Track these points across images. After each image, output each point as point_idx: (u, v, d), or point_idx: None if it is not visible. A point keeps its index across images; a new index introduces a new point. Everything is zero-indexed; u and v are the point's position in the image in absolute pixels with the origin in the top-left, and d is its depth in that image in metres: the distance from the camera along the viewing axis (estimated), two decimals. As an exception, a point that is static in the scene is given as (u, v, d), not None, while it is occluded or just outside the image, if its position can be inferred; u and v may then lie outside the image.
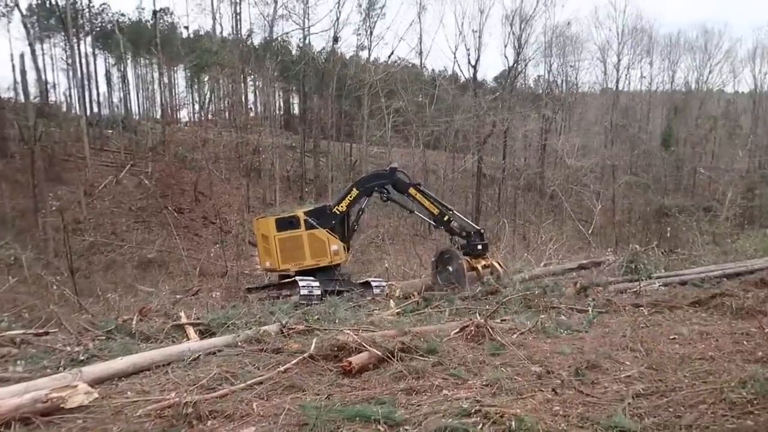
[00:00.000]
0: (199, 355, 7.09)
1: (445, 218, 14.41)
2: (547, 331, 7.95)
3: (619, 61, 52.80)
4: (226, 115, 43.00)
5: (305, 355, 6.49)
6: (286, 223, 13.95)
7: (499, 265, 14.36)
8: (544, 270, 15.90)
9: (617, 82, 53.53)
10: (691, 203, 41.43)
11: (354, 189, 14.52)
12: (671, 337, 7.18)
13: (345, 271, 15.18)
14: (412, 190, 14.36)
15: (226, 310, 10.74)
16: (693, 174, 50.31)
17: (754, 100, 57.00)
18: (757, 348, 6.05)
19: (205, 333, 8.96)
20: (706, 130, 51.33)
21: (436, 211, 14.43)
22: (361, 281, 14.86)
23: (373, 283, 14.38)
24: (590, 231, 31.71)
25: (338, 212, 14.23)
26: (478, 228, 14.82)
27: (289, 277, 14.08)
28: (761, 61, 55.83)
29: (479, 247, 14.10)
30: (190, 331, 8.87)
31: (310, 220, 13.94)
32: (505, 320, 9.05)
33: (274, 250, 13.86)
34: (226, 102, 45.28)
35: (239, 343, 7.62)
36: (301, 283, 12.99)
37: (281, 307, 11.09)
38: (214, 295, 16.76)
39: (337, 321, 9.67)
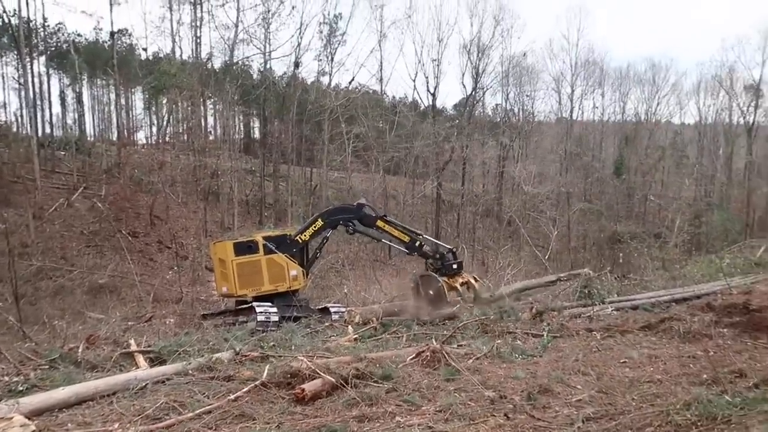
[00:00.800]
0: (147, 384, 6.84)
1: (417, 243, 14.48)
2: (503, 355, 8.00)
3: (572, 91, 54.68)
4: (185, 137, 42.40)
5: (257, 382, 6.34)
6: (244, 248, 13.79)
7: (475, 280, 14.57)
8: (527, 283, 16.31)
9: (571, 111, 55.34)
10: (642, 230, 42.72)
11: (319, 220, 14.54)
12: (622, 360, 7.33)
13: (303, 297, 15.02)
14: (380, 223, 14.45)
15: (178, 337, 10.44)
16: (644, 201, 52.04)
17: (699, 131, 59.66)
18: (702, 371, 6.22)
19: (155, 361, 8.67)
20: (655, 160, 53.37)
21: (407, 239, 14.52)
22: (320, 307, 14.71)
23: (332, 309, 14.27)
24: (547, 256, 32.35)
25: (300, 241, 14.19)
26: (449, 247, 14.92)
27: (245, 302, 13.83)
28: (705, 95, 58.67)
29: (454, 266, 14.16)
30: (140, 359, 8.57)
31: (269, 244, 13.77)
32: (461, 345, 9.09)
33: (231, 275, 13.62)
34: (184, 125, 44.72)
35: (190, 371, 7.39)
36: (258, 309, 12.79)
37: (236, 333, 10.86)
38: (167, 322, 16.29)
39: (293, 348, 9.51)
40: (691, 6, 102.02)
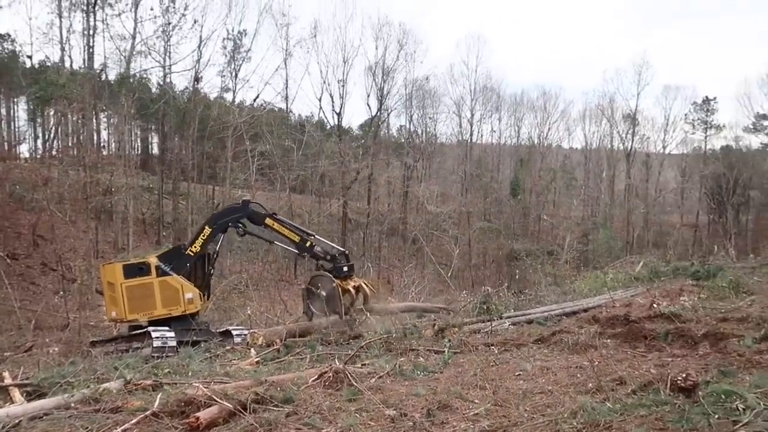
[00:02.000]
0: (20, 421, 6.25)
1: (308, 244, 13.88)
2: (405, 373, 8.08)
3: (472, 115, 57.17)
4: (74, 152, 39.72)
5: (148, 412, 5.99)
6: (135, 270, 13.08)
7: (368, 286, 14.38)
8: (415, 305, 16.63)
9: (471, 134, 57.78)
10: (536, 247, 45.12)
11: (206, 227, 13.82)
12: (517, 373, 7.63)
13: (203, 320, 14.42)
14: (268, 221, 13.86)
15: (62, 368, 9.66)
16: (538, 221, 55.08)
17: (585, 155, 64.26)
18: (588, 380, 6.61)
19: (33, 395, 7.97)
20: (547, 181, 56.78)
21: (296, 239, 13.92)
22: (221, 330, 14.19)
23: (234, 332, 13.79)
24: (449, 274, 33.28)
25: (192, 253, 13.52)
26: (342, 249, 14.52)
27: (140, 327, 13.09)
28: (589, 122, 63.39)
29: (345, 269, 13.78)
30: (15, 393, 7.85)
31: (162, 266, 13.13)
32: (365, 364, 9.09)
33: (120, 299, 12.88)
34: (73, 138, 41.94)
35: (72, 404, 6.85)
36: (154, 334, 12.12)
37: (127, 361, 10.24)
38: (50, 351, 15.12)
39: (190, 374, 9.09)
40: (578, 38, 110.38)
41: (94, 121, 40.41)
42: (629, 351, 8.39)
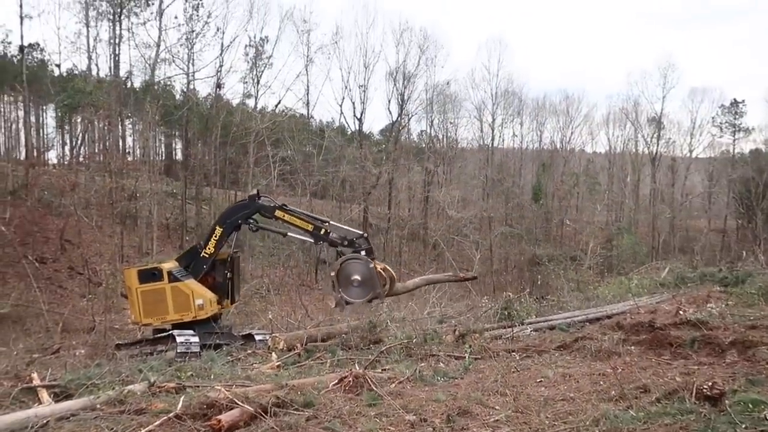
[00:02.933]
0: (48, 422, 6.37)
1: (322, 231, 13.19)
2: (425, 378, 8.07)
3: (493, 120, 56.91)
4: (100, 158, 40.51)
5: (171, 415, 6.06)
6: (148, 275, 13.23)
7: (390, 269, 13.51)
8: (430, 278, 16.28)
9: (492, 139, 57.51)
10: (559, 253, 44.61)
11: (217, 227, 13.64)
12: (538, 380, 7.56)
13: (225, 324, 14.55)
14: (278, 213, 13.37)
15: (88, 370, 9.84)
16: (560, 225, 54.48)
17: (609, 159, 63.48)
18: (611, 388, 6.52)
19: (61, 396, 8.12)
20: (570, 186, 56.18)
21: (310, 227, 13.27)
22: (244, 333, 14.28)
23: (257, 336, 13.84)
24: (470, 279, 32.97)
25: (207, 254, 13.49)
26: (360, 233, 13.58)
27: (164, 330, 13.26)
28: (613, 126, 62.63)
29: (363, 252, 12.86)
30: (43, 394, 8.00)
31: (174, 272, 13.20)
32: (385, 369, 9.08)
33: (136, 303, 13.15)
34: (100, 145, 42.78)
35: (98, 406, 6.96)
36: (178, 338, 12.25)
37: (151, 364, 10.37)
38: (77, 354, 15.38)
39: (212, 377, 9.18)
40: (601, 41, 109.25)
41: (120, 127, 41.17)
42: (654, 358, 8.26)
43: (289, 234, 14.24)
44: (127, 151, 43.84)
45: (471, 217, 45.75)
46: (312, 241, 13.59)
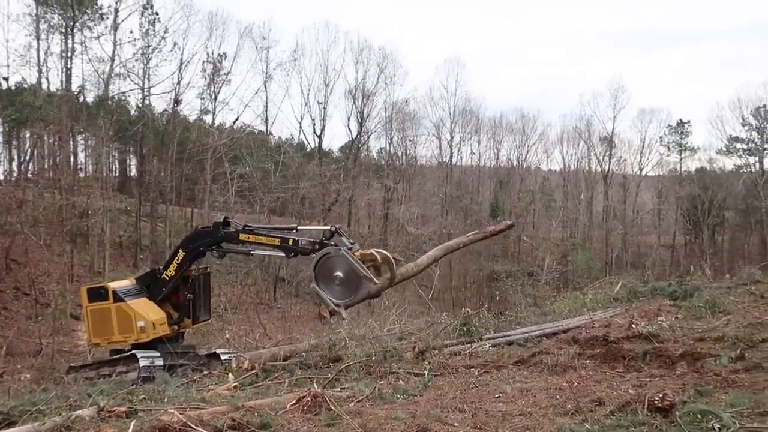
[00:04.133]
0: (-12, 451, 6.06)
1: (290, 242, 12.21)
2: (384, 397, 8.00)
3: (452, 137, 57.86)
4: (50, 174, 39.20)
5: (121, 441, 5.84)
6: (96, 294, 12.79)
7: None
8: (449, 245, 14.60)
9: (451, 156, 58.38)
10: (517, 269, 45.38)
11: (180, 250, 13.06)
12: (496, 395, 7.60)
13: (189, 343, 14.11)
14: (243, 236, 12.52)
15: (33, 395, 9.40)
16: (518, 242, 55.45)
17: (564, 177, 65.18)
18: (567, 401, 6.61)
19: (3, 423, 7.71)
20: (526, 203, 57.39)
21: (277, 242, 12.35)
22: (209, 353, 13.85)
23: (223, 356, 13.40)
24: (430, 296, 33.24)
25: (168, 278, 13.00)
26: (329, 227, 12.24)
27: (122, 351, 12.80)
28: (567, 144, 64.44)
29: (343, 244, 11.58)
30: (-17, 422, 7.59)
31: (119, 291, 12.70)
32: (344, 388, 8.98)
33: (86, 322, 12.78)
34: (50, 160, 41.42)
35: (43, 433, 6.65)
36: (141, 359, 11.79)
37: (102, 387, 9.99)
38: (22, 378, 14.75)
39: (165, 400, 8.89)
40: (555, 62, 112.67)
41: (71, 143, 40.04)
42: (608, 371, 8.41)
43: (256, 252, 13.15)
44: (78, 167, 42.64)
45: (430, 234, 46.10)
46: (283, 254, 12.56)
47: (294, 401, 7.38)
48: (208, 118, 44.72)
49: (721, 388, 6.63)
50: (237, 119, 46.22)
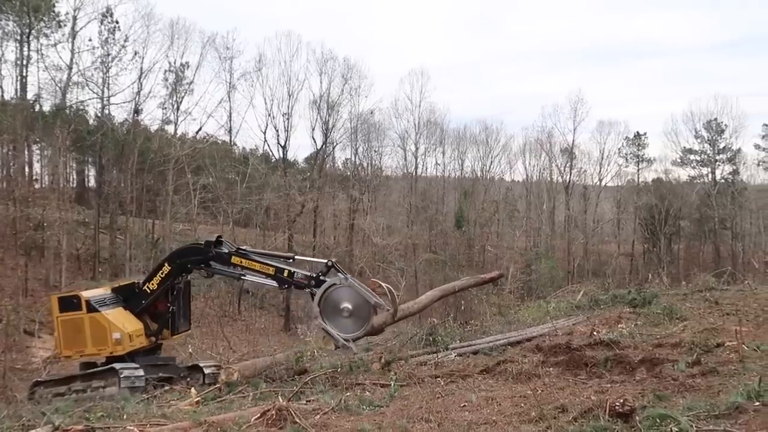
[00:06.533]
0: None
1: (285, 273, 11.66)
2: (350, 408, 7.94)
3: (416, 149, 58.30)
4: (3, 185, 37.89)
5: (77, 460, 5.65)
6: (67, 303, 12.26)
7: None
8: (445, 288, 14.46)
9: (416, 167, 58.76)
10: (482, 278, 45.66)
11: (166, 265, 12.65)
12: (462, 404, 7.63)
13: (168, 356, 13.73)
14: (235, 260, 12.11)
15: (-17, 416, 9.03)
16: (482, 251, 56.07)
17: (526, 187, 66.29)
18: (531, 409, 6.68)
19: (-52, 447, 7.38)
20: (490, 213, 58.14)
21: (272, 271, 11.81)
22: (189, 365, 13.44)
23: (206, 369, 12.94)
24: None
25: (149, 290, 12.58)
26: (325, 261, 11.88)
27: (93, 365, 12.24)
28: (529, 155, 65.59)
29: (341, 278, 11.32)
30: (-72, 445, 7.24)
31: (93, 300, 12.21)
32: (310, 401, 8.89)
33: (57, 333, 12.23)
34: (3, 171, 40.03)
35: (-7, 455, 6.39)
36: (122, 372, 11.33)
37: (57, 405, 9.65)
38: (-29, 397, 14.09)
39: (125, 417, 8.65)
40: (517, 75, 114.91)
41: (26, 153, 38.84)
42: (571, 378, 8.55)
43: (247, 278, 12.63)
44: (34, 177, 41.35)
45: (396, 244, 46.25)
46: (277, 285, 12.14)
47: (258, 415, 7.26)
48: (170, 128, 44.01)
49: (678, 392, 6.81)
50: (200, 129, 45.59)
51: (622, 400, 5.54)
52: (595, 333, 11.44)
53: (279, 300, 41.18)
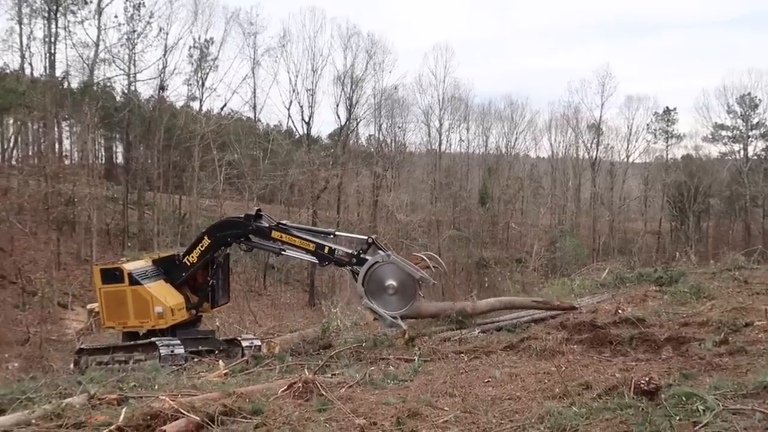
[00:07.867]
0: (-22, 439, 6.05)
1: (326, 250, 11.62)
2: (375, 382, 8.06)
3: (440, 125, 57.75)
4: (35, 161, 38.73)
5: (113, 427, 5.85)
6: (110, 275, 12.38)
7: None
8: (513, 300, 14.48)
9: (440, 144, 58.32)
10: (505, 255, 45.64)
11: (206, 238, 12.65)
12: (486, 380, 7.69)
13: (207, 329, 13.91)
14: (275, 234, 12.11)
15: (22, 383, 9.39)
16: (506, 229, 55.73)
17: (552, 164, 65.39)
18: (555, 385, 6.70)
19: (-8, 412, 7.69)
20: (515, 190, 57.56)
21: (312, 247, 11.78)
22: (228, 339, 13.66)
23: (244, 342, 13.19)
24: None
25: (189, 263, 12.63)
26: (365, 238, 11.83)
27: (136, 335, 12.49)
28: (555, 131, 64.55)
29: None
30: (-28, 411, 7.56)
31: (135, 273, 12.31)
32: (335, 374, 9.04)
33: (100, 304, 12.41)
34: (34, 147, 40.89)
35: (33, 421, 6.63)
36: (161, 346, 11.54)
37: (92, 375, 9.97)
38: (10, 367, 14.69)
39: (156, 387, 8.91)
40: (543, 49, 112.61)
41: (56, 129, 39.55)
42: (595, 356, 8.53)
43: (286, 253, 12.58)
44: (64, 154, 42.15)
45: (419, 221, 46.23)
46: (316, 262, 12.18)
47: (285, 387, 7.42)
48: (195, 105, 44.32)
49: (705, 371, 6.76)
50: (225, 105, 45.84)
51: (647, 378, 5.53)
52: (620, 311, 11.35)
53: (304, 276, 41.67)
